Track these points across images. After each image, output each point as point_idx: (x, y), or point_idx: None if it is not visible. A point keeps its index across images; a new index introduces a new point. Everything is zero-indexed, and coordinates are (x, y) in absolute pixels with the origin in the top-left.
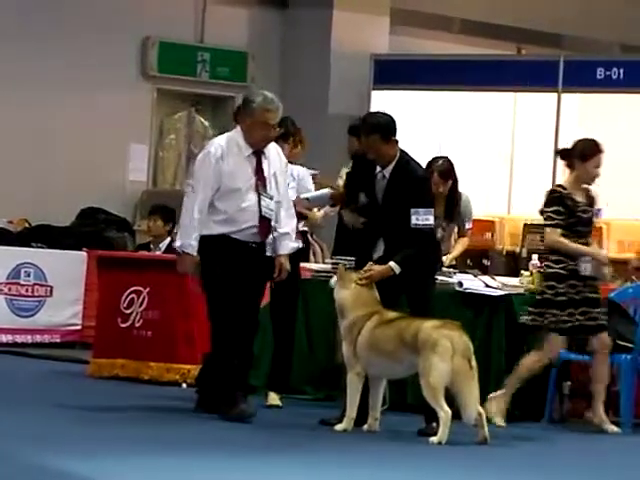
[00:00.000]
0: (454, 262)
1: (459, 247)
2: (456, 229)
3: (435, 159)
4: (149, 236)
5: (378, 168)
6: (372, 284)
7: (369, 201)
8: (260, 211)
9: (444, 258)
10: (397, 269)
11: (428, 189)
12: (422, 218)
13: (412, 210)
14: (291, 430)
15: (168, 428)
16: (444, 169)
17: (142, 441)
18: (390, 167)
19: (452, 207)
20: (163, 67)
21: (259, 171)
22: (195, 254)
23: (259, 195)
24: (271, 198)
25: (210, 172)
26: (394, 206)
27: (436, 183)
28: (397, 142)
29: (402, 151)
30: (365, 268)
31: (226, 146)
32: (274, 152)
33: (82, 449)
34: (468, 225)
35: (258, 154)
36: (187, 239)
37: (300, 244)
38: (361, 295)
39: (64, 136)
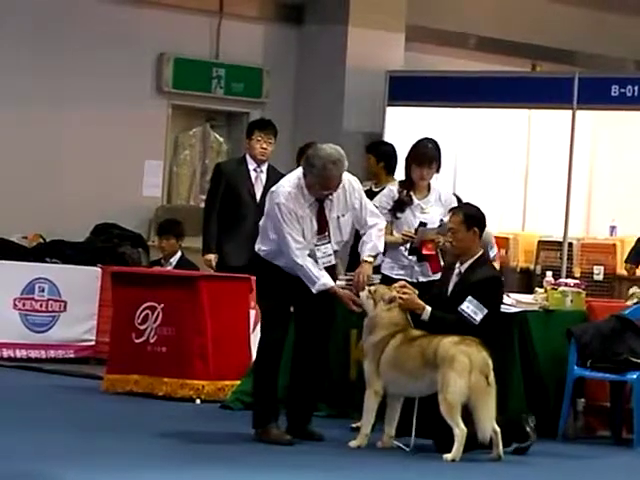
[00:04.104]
0: None
1: None
2: None
3: None
4: (163, 254)
5: (458, 264)
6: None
7: (439, 292)
8: (316, 262)
9: None
10: (427, 316)
11: (493, 291)
12: (471, 309)
13: (468, 297)
14: (304, 446)
15: (183, 444)
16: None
17: (157, 457)
18: (467, 263)
19: None
20: (178, 83)
21: (320, 219)
22: (332, 284)
23: (315, 245)
24: (329, 242)
25: (291, 224)
26: (459, 301)
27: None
28: (477, 235)
29: (483, 254)
30: (397, 286)
31: (294, 194)
32: (340, 190)
33: (97, 465)
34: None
35: (320, 200)
36: (316, 281)
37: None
38: (393, 315)
39: (79, 151)
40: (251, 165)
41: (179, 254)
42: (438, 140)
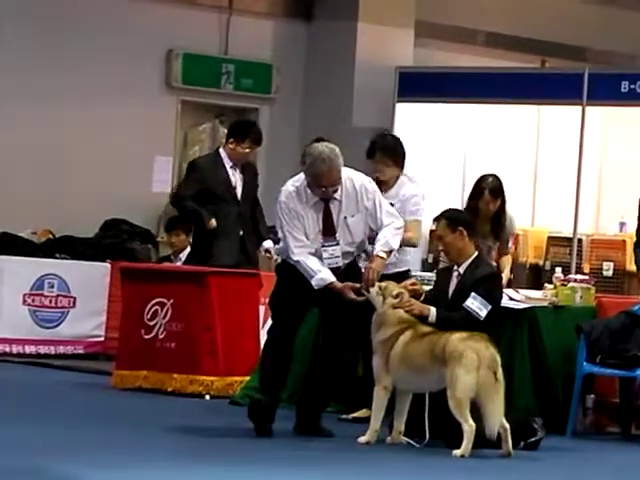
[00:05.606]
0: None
1: (507, 267)
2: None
3: (485, 176)
4: (172, 250)
5: (455, 267)
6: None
7: (437, 294)
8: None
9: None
10: (433, 319)
11: (496, 286)
12: (476, 305)
13: (472, 293)
14: (314, 443)
15: (192, 439)
16: (495, 186)
17: (166, 452)
18: (465, 264)
19: (498, 225)
20: (187, 79)
21: (326, 219)
22: (332, 279)
23: (322, 246)
24: (337, 244)
25: (291, 222)
26: (462, 302)
27: (487, 201)
28: (465, 235)
29: (479, 254)
30: (408, 283)
31: (295, 193)
32: (350, 191)
33: (105, 460)
34: (510, 243)
35: (326, 200)
36: (313, 275)
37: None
38: (401, 311)
39: (88, 148)
40: (227, 163)
41: (188, 250)
42: (447, 136)
